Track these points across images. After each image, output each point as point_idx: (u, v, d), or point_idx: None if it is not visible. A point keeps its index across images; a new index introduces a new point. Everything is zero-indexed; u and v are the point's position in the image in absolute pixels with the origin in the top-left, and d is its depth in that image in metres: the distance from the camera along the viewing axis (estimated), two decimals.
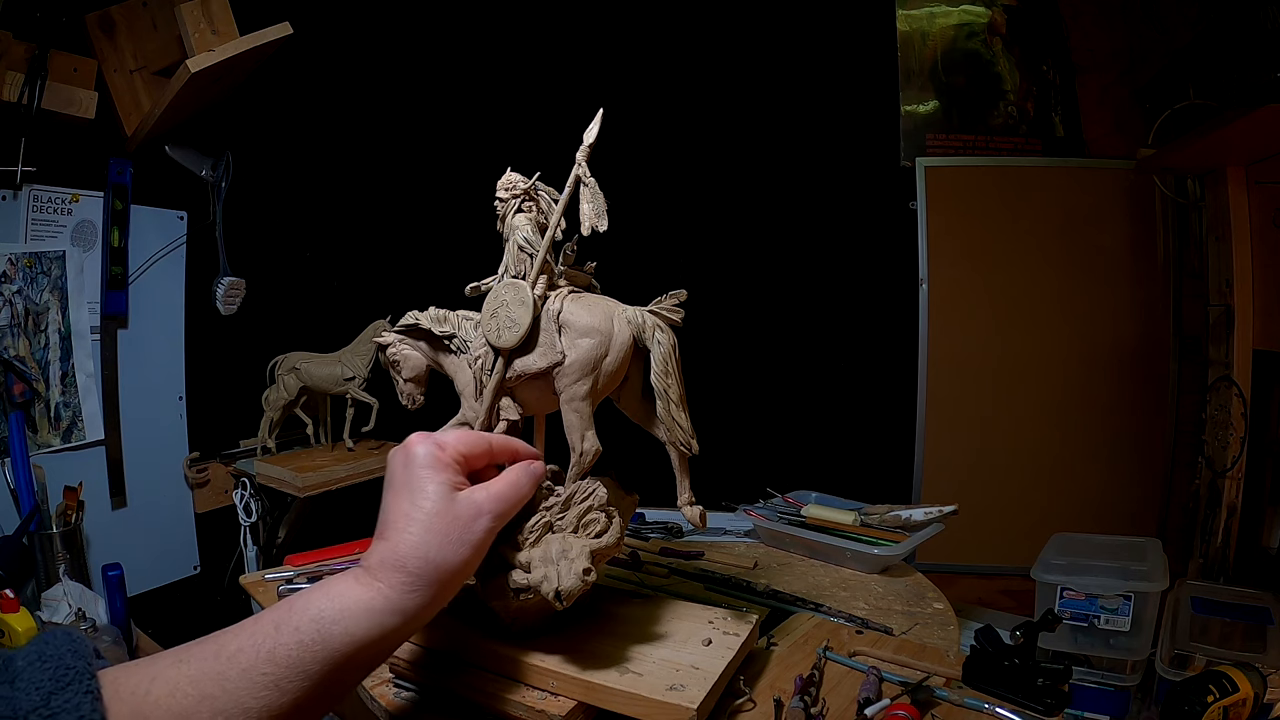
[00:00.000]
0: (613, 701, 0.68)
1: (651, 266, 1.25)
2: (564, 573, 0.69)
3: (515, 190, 0.86)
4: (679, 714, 0.66)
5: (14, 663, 0.44)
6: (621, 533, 0.77)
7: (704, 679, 0.70)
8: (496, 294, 0.82)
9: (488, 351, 0.83)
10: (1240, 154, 1.71)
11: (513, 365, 0.82)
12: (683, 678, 0.70)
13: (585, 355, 0.78)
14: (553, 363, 0.79)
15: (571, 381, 0.79)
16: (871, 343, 2.31)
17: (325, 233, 2.11)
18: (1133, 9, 2.18)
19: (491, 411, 0.83)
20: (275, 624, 0.51)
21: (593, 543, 0.73)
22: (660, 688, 0.68)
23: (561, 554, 0.70)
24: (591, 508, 0.76)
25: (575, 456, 0.80)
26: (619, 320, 0.80)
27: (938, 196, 2.27)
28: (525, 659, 0.73)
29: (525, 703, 0.70)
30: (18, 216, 1.51)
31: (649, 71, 2.18)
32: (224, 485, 1.89)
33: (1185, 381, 2.16)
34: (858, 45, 2.29)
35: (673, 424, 0.79)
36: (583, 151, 0.80)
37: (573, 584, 0.68)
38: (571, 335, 0.79)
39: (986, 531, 2.12)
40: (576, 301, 0.81)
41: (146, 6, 1.63)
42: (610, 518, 0.76)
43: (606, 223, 0.80)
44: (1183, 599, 1.44)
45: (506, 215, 0.86)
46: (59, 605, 1.27)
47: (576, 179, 0.80)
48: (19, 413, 1.46)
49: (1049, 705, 0.77)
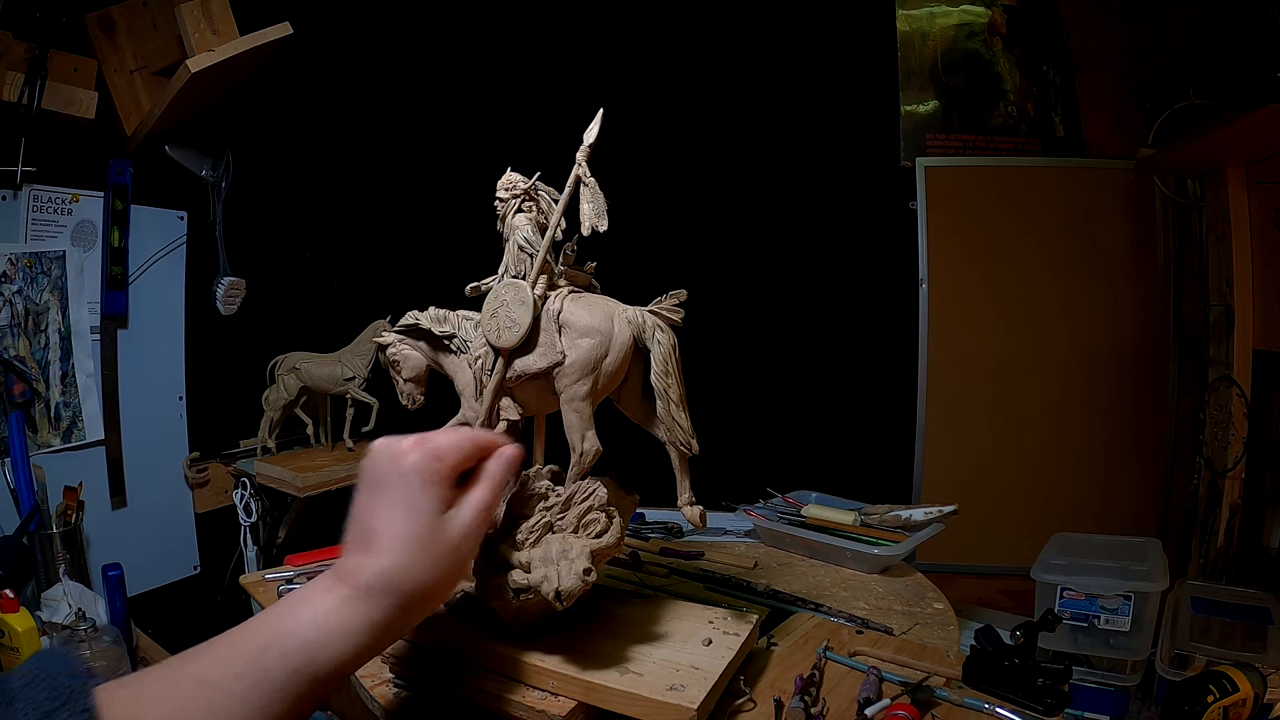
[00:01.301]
0: (613, 701, 0.69)
1: (651, 266, 1.25)
2: (564, 573, 0.69)
3: (515, 190, 0.86)
4: (679, 714, 0.66)
5: (10, 683, 0.44)
6: (622, 533, 0.78)
7: (704, 679, 0.70)
8: (497, 294, 0.82)
9: (488, 351, 0.83)
10: (1240, 154, 1.71)
11: (513, 365, 0.82)
12: (683, 678, 0.70)
13: (585, 355, 0.78)
14: (553, 363, 0.79)
15: (572, 381, 0.79)
16: (871, 343, 2.31)
17: (325, 233, 2.11)
18: (1133, 9, 2.18)
19: (492, 411, 0.83)
20: (261, 649, 0.51)
21: (593, 543, 0.73)
22: (660, 688, 0.68)
23: (562, 554, 0.71)
24: (592, 508, 0.76)
25: (575, 456, 0.80)
26: (619, 320, 0.80)
27: (938, 196, 2.27)
28: (525, 659, 0.73)
29: (525, 703, 0.70)
30: (18, 216, 1.51)
31: (649, 71, 2.18)
32: (224, 485, 1.89)
33: (1185, 381, 2.16)
34: (858, 45, 2.29)
35: (673, 424, 0.79)
36: (583, 151, 0.80)
37: (573, 584, 0.68)
38: (572, 335, 0.79)
39: (986, 531, 2.12)
40: (576, 301, 0.81)
41: (146, 6, 1.63)
42: (610, 518, 0.76)
43: (607, 223, 0.80)
44: (1183, 599, 1.44)
45: (506, 215, 0.86)
46: (59, 605, 1.27)
47: (577, 179, 0.81)
48: (19, 413, 1.46)
49: (1049, 705, 0.77)
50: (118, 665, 1.18)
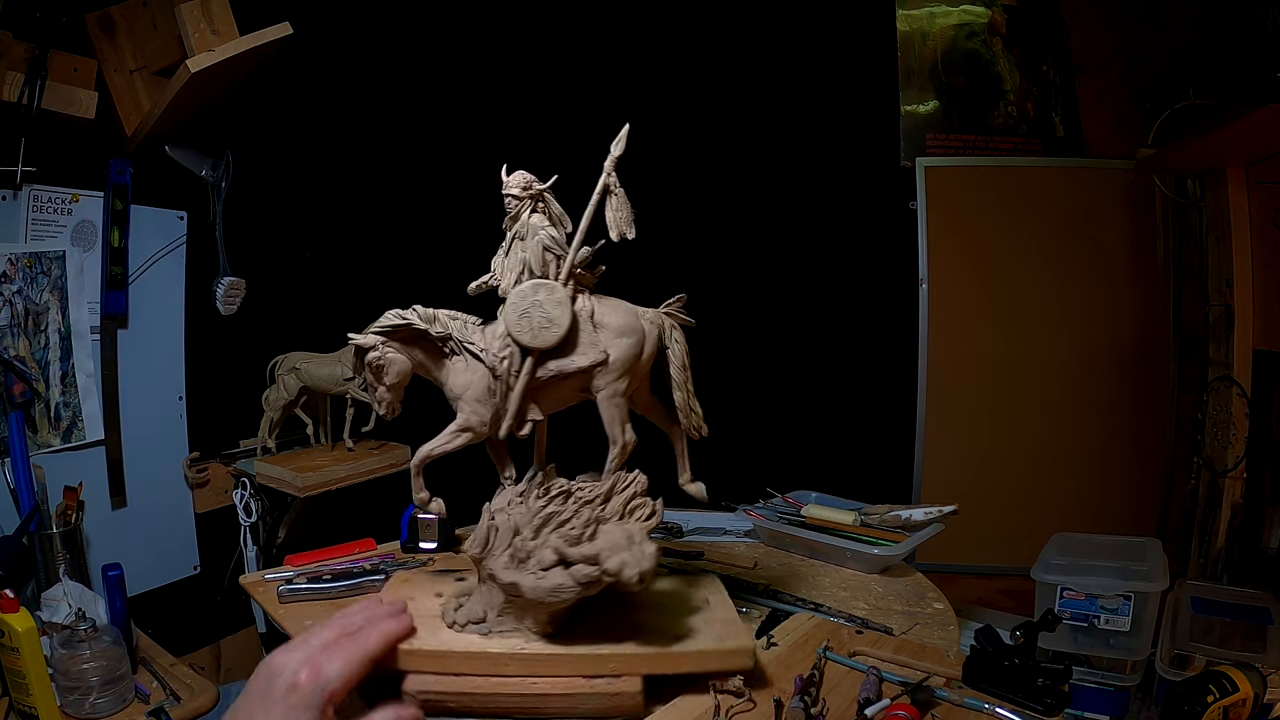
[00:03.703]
0: (681, 664, 0.77)
1: (651, 266, 1.24)
2: (639, 557, 0.75)
3: (531, 189, 0.87)
4: (745, 653, 0.78)
5: None
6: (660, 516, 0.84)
7: (738, 625, 0.82)
8: (524, 294, 0.83)
9: (515, 352, 0.84)
10: (1240, 154, 1.71)
11: (546, 365, 0.84)
12: (721, 630, 0.81)
13: (626, 353, 0.85)
14: (595, 361, 0.84)
15: (614, 378, 0.85)
16: (871, 343, 2.31)
17: (325, 233, 2.11)
18: (1133, 9, 2.18)
19: (521, 413, 0.84)
20: None
21: (646, 525, 0.81)
22: (713, 640, 0.79)
23: (629, 540, 0.77)
24: (636, 494, 0.83)
25: (617, 449, 0.86)
26: (644, 321, 0.87)
27: (938, 196, 2.27)
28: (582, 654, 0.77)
29: (595, 692, 0.75)
30: (18, 216, 1.51)
31: (649, 71, 2.18)
32: (224, 485, 1.89)
33: (1185, 381, 2.16)
34: (858, 45, 2.29)
35: (690, 411, 0.88)
36: (611, 161, 0.85)
37: (650, 565, 0.75)
38: (609, 335, 0.85)
39: (986, 531, 2.12)
40: (603, 303, 0.86)
41: (146, 6, 1.62)
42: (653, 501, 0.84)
43: (634, 231, 0.86)
44: (1183, 599, 1.44)
45: (520, 213, 0.87)
46: (59, 605, 1.27)
47: (605, 187, 0.85)
48: (19, 413, 1.45)
49: (1049, 705, 0.77)
50: (118, 665, 1.17)
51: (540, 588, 0.75)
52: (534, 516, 0.79)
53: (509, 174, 0.89)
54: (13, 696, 1.12)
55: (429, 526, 1.29)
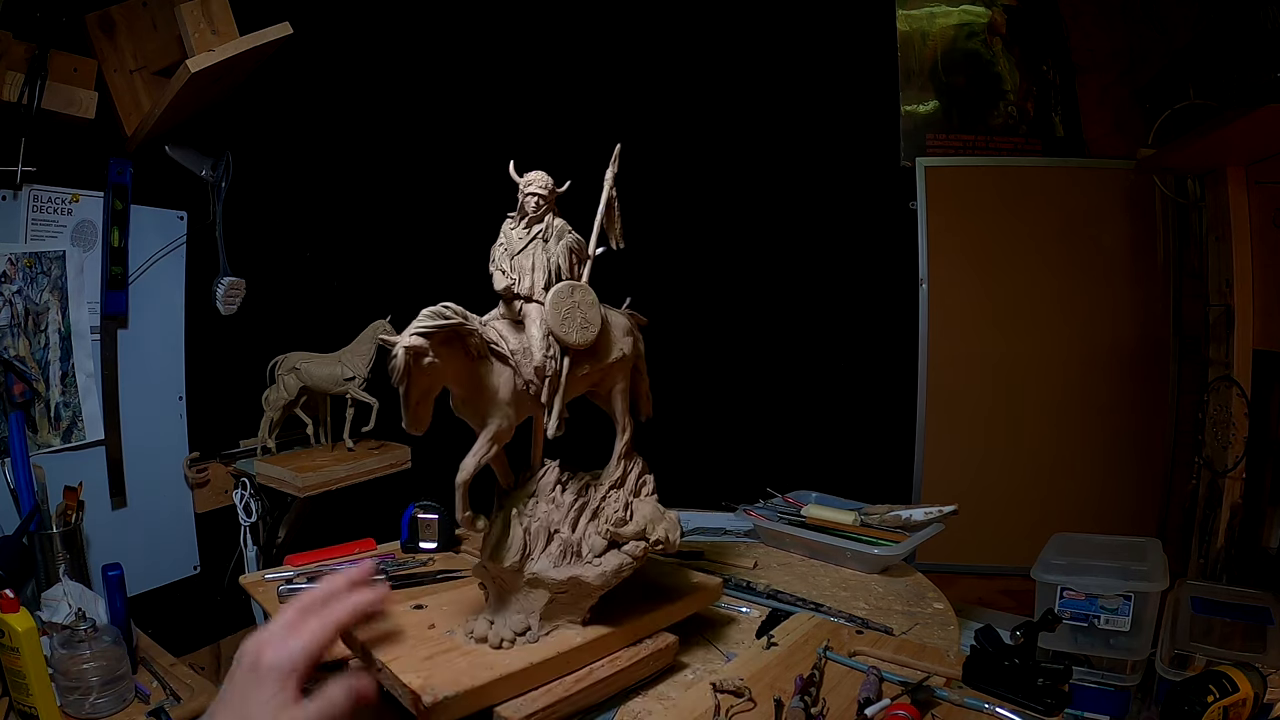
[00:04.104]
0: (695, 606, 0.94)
1: (651, 266, 1.25)
2: (671, 524, 0.87)
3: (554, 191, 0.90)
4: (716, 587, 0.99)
5: None
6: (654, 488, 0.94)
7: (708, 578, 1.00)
8: (562, 295, 0.84)
9: (559, 351, 0.84)
10: (1240, 154, 1.71)
11: (580, 363, 0.87)
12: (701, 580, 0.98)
13: (633, 349, 0.94)
14: (619, 357, 0.91)
15: (625, 372, 0.93)
16: (871, 343, 2.31)
17: (325, 233, 2.11)
18: (1133, 9, 2.18)
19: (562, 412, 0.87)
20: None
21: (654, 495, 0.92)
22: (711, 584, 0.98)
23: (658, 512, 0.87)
24: (641, 473, 0.92)
25: (626, 435, 0.94)
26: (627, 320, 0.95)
27: (938, 196, 2.27)
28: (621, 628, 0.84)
29: (642, 657, 0.83)
30: (18, 216, 1.51)
31: (648, 71, 2.18)
32: (224, 485, 1.89)
33: (1185, 381, 2.16)
34: (858, 45, 2.29)
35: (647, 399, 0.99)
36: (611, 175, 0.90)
37: (679, 529, 0.88)
38: (618, 333, 0.92)
39: (986, 531, 2.12)
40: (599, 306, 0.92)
41: (146, 6, 1.62)
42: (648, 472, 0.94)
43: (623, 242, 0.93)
44: (1183, 599, 1.44)
45: (545, 214, 0.88)
46: (59, 605, 1.27)
47: (610, 199, 0.91)
48: (19, 413, 1.45)
49: (1049, 705, 0.77)
50: (118, 665, 1.17)
51: (604, 572, 0.81)
52: (569, 511, 0.84)
53: (521, 173, 0.88)
54: (13, 696, 1.12)
55: (429, 526, 1.30)
